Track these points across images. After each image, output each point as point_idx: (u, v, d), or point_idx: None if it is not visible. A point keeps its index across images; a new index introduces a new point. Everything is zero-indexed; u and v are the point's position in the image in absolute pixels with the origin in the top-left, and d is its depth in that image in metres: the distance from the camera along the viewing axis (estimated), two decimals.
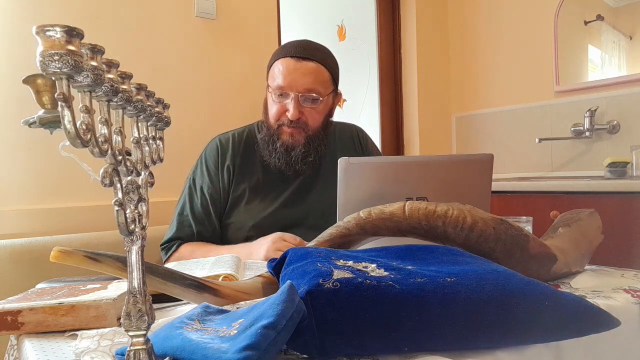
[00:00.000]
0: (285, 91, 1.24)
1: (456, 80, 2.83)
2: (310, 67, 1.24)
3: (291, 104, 1.23)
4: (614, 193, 1.68)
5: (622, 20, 2.27)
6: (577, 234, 0.89)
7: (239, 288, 0.72)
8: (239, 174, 1.30)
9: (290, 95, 1.23)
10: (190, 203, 1.29)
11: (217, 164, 1.31)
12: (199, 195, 1.29)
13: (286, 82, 1.23)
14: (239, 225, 1.27)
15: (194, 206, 1.29)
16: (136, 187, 0.45)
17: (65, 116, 0.35)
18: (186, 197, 1.31)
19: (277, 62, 1.27)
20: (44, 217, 1.49)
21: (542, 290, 0.56)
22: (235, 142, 1.33)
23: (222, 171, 1.30)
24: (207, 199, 1.28)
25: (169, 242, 1.28)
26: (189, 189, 1.32)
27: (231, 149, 1.32)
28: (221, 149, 1.32)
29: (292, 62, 1.24)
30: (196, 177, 1.32)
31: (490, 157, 0.95)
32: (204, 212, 1.28)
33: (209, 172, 1.31)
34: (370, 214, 0.76)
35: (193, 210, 1.28)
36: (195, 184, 1.31)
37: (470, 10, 2.74)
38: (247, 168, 1.31)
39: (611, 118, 2.20)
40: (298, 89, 1.23)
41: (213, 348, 0.46)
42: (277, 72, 1.25)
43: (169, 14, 1.78)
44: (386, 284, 0.53)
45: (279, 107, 1.26)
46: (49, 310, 0.65)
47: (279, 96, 1.25)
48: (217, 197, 1.29)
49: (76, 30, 0.35)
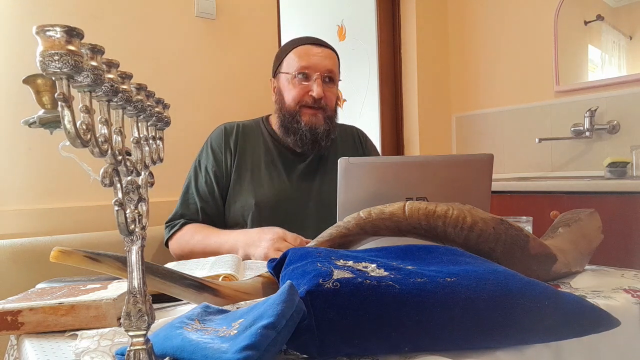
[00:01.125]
0: (309, 71, 1.32)
1: (456, 80, 2.83)
2: (328, 52, 1.36)
3: (315, 83, 1.32)
4: (614, 193, 1.68)
5: (622, 20, 2.27)
6: (577, 234, 0.89)
7: (239, 288, 0.72)
8: (241, 155, 1.36)
9: (314, 75, 1.32)
10: (195, 182, 1.35)
11: (221, 146, 1.37)
12: (204, 175, 1.35)
13: (310, 62, 1.32)
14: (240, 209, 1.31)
15: (199, 184, 1.34)
16: (136, 187, 0.45)
17: (65, 116, 0.35)
18: (192, 177, 1.37)
19: (296, 50, 1.35)
20: (44, 217, 1.49)
21: (542, 290, 0.56)
22: (239, 128, 1.41)
23: (225, 153, 1.36)
24: (211, 177, 1.34)
25: (173, 220, 1.33)
26: (194, 169, 1.38)
27: (235, 135, 1.39)
28: (225, 133, 1.39)
29: (311, 47, 1.35)
30: (201, 158, 1.38)
31: (490, 157, 0.95)
32: (208, 189, 1.33)
33: (214, 153, 1.37)
34: (370, 214, 0.76)
35: (197, 188, 1.34)
36: (200, 164, 1.37)
37: (470, 10, 2.73)
38: (250, 151, 1.37)
39: (611, 118, 2.20)
40: (320, 70, 1.33)
41: (213, 348, 0.46)
42: (297, 57, 1.34)
43: (169, 14, 1.78)
44: (386, 284, 0.53)
45: (300, 88, 1.33)
46: (49, 310, 0.65)
47: (300, 79, 1.33)
48: (220, 176, 1.34)
49: (76, 30, 0.35)
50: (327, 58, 1.34)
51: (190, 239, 1.26)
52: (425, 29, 2.72)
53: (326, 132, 1.34)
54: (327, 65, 1.33)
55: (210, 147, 1.38)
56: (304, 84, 1.33)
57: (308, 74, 1.32)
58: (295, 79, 1.33)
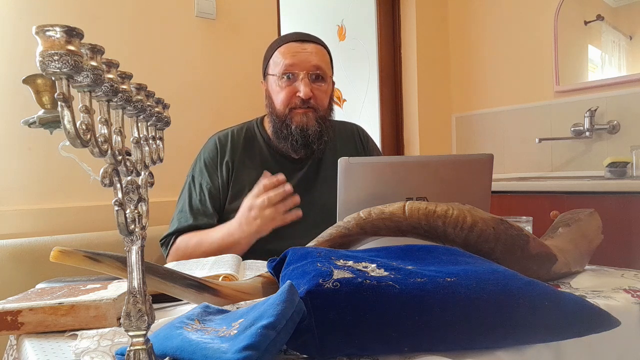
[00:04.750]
0: (294, 70, 1.25)
1: (456, 80, 2.83)
2: (314, 47, 1.27)
3: (302, 83, 1.24)
4: (614, 193, 1.68)
5: (622, 20, 2.27)
6: (577, 234, 0.89)
7: (239, 288, 0.72)
8: (238, 169, 1.30)
9: (300, 74, 1.24)
10: (189, 199, 1.30)
11: (216, 161, 1.31)
12: (198, 192, 1.30)
13: (294, 61, 1.25)
14: None
15: (193, 202, 1.29)
16: (136, 187, 0.45)
17: (65, 116, 0.35)
18: (185, 195, 1.31)
19: (279, 50, 1.28)
20: (44, 217, 1.49)
21: (542, 290, 0.56)
22: (234, 138, 1.34)
23: (220, 168, 1.30)
24: (205, 195, 1.28)
25: (168, 237, 1.28)
26: (188, 185, 1.32)
27: (230, 145, 1.32)
28: (220, 146, 1.33)
29: (295, 45, 1.27)
30: (195, 174, 1.32)
31: (490, 157, 0.95)
32: (202, 207, 1.28)
33: (208, 169, 1.31)
34: (370, 214, 0.76)
35: (191, 205, 1.28)
36: (194, 181, 1.32)
37: (471, 10, 2.73)
38: (247, 163, 1.31)
39: (611, 118, 2.20)
40: (307, 68, 1.24)
41: (213, 348, 0.46)
42: (281, 57, 1.27)
43: (169, 14, 1.78)
44: (386, 284, 0.53)
45: (287, 90, 1.26)
46: (49, 310, 0.65)
47: (286, 79, 1.26)
48: (215, 193, 1.29)
49: (76, 30, 0.35)
50: (314, 54, 1.25)
51: (185, 248, 1.21)
52: (425, 29, 2.72)
53: (318, 133, 1.26)
54: (312, 62, 1.24)
55: (203, 162, 1.32)
56: (292, 84, 1.25)
57: (294, 74, 1.25)
58: (281, 80, 1.26)
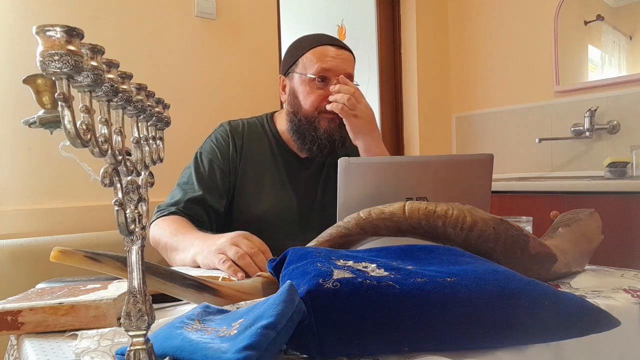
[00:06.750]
0: (329, 75, 1.24)
1: (456, 80, 2.83)
2: (347, 55, 1.29)
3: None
4: (614, 193, 1.68)
5: (622, 20, 2.27)
6: (577, 234, 0.89)
7: (239, 288, 0.72)
8: (245, 162, 1.28)
9: (333, 80, 1.24)
10: (197, 172, 1.24)
11: (228, 143, 1.28)
12: (207, 168, 1.25)
13: (330, 66, 1.24)
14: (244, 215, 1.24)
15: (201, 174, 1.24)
16: (136, 187, 0.45)
17: (65, 116, 0.35)
18: (192, 168, 1.26)
19: (315, 50, 1.26)
20: (44, 217, 1.49)
21: (542, 290, 0.56)
22: (245, 128, 1.32)
23: (233, 150, 1.27)
24: (214, 171, 1.24)
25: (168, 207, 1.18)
26: (195, 160, 1.27)
27: (242, 133, 1.31)
28: (232, 130, 1.31)
29: (332, 49, 1.27)
30: (203, 152, 1.29)
31: (490, 157, 0.95)
32: (211, 182, 1.23)
33: (219, 148, 1.27)
34: (370, 214, 0.76)
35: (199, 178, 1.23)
36: (202, 157, 1.27)
37: (470, 10, 2.73)
38: (254, 161, 1.29)
39: (611, 118, 2.20)
40: (340, 74, 1.24)
41: (213, 348, 0.46)
42: (315, 58, 1.25)
43: (169, 14, 1.78)
44: (386, 284, 0.53)
45: (320, 93, 1.25)
46: (49, 310, 0.65)
47: (319, 82, 1.24)
48: (226, 173, 1.25)
49: (76, 30, 0.35)
50: (346, 61, 1.27)
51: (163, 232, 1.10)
52: (425, 29, 2.72)
53: (342, 139, 1.27)
54: (347, 70, 1.26)
55: (215, 142, 1.29)
56: (325, 87, 1.25)
57: (327, 78, 1.25)
58: (313, 82, 1.25)
